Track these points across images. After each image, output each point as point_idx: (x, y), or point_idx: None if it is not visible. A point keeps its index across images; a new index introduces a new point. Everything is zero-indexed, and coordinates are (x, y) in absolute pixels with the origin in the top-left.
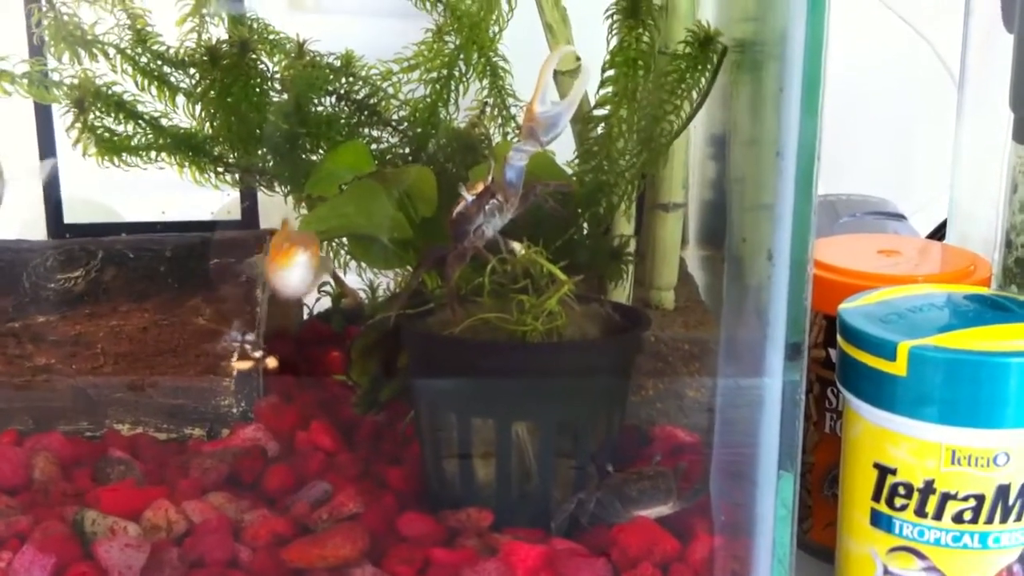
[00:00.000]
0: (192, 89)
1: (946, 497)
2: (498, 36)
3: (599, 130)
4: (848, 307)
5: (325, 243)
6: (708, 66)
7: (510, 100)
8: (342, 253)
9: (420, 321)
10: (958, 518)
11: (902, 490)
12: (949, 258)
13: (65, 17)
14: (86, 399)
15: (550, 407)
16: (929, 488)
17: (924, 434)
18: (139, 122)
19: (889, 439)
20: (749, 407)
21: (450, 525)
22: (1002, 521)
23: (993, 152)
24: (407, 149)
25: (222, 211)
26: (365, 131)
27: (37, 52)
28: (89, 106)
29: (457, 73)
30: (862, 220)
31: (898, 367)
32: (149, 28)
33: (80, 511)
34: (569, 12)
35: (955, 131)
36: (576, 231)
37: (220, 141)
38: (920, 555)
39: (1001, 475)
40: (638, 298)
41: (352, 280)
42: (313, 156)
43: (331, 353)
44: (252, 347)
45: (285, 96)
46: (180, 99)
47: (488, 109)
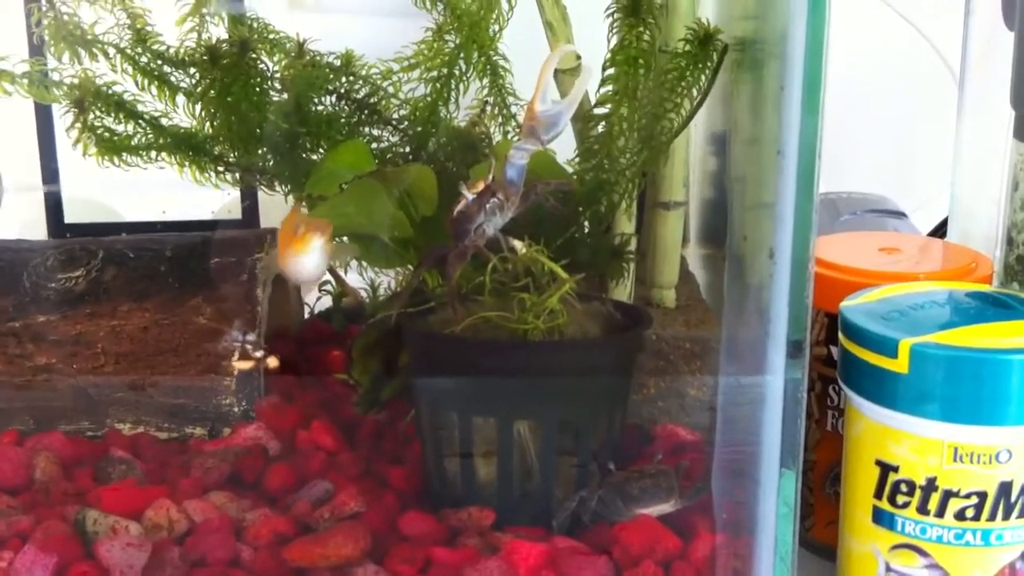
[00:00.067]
0: (192, 89)
1: (948, 494)
2: (498, 35)
3: (600, 129)
4: (849, 305)
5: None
6: (708, 64)
7: (510, 99)
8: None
9: (421, 320)
10: (960, 515)
11: (904, 487)
12: (950, 255)
13: (65, 17)
14: (87, 399)
15: (552, 406)
16: (931, 485)
17: (926, 431)
18: (139, 122)
19: (891, 436)
20: (751, 405)
21: (452, 524)
22: (1004, 518)
23: (994, 150)
24: (407, 148)
25: (223, 210)
26: (365, 130)
27: (37, 52)
28: (89, 106)
29: (457, 72)
30: (863, 218)
31: (900, 364)
32: (149, 28)
33: (81, 511)
34: (569, 10)
35: (956, 129)
36: (577, 230)
37: (220, 140)
38: (922, 552)
39: (1003, 472)
40: (639, 296)
41: (353, 279)
42: (313, 155)
43: (332, 352)
44: (253, 346)
45: (285, 95)
46: (180, 99)
47: (488, 108)
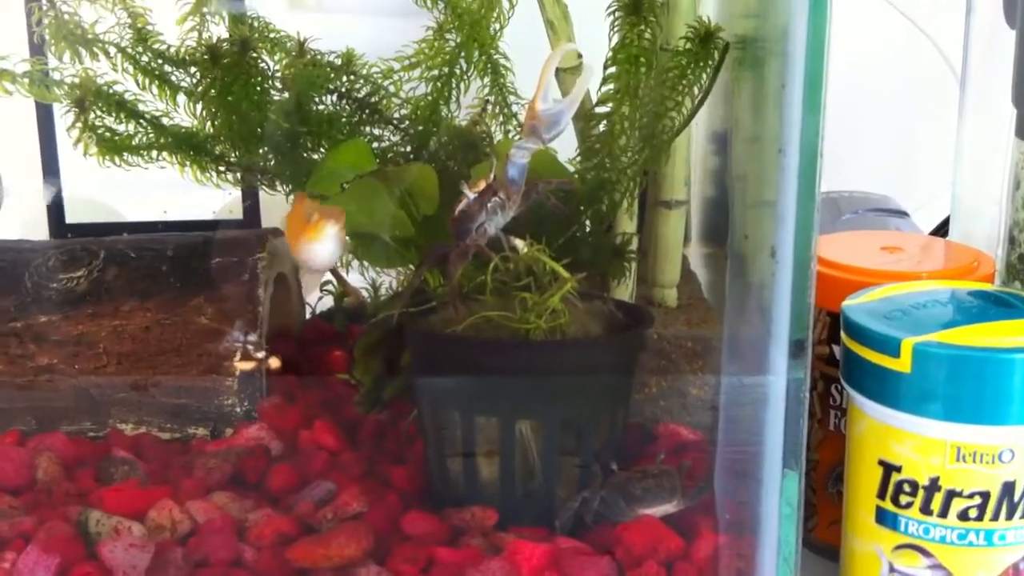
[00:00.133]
0: (193, 88)
1: (951, 494)
2: (499, 34)
3: (601, 127)
4: (852, 304)
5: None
6: (709, 62)
7: (511, 98)
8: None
9: (423, 319)
10: (963, 515)
11: (907, 487)
12: (952, 254)
13: (66, 16)
14: (89, 399)
15: (554, 405)
16: (934, 485)
17: (929, 431)
18: (140, 121)
19: (894, 436)
20: (753, 405)
21: (454, 524)
22: (1008, 518)
23: (996, 148)
24: (408, 147)
25: (224, 210)
26: (366, 129)
27: (38, 51)
28: (90, 105)
29: (458, 71)
30: (864, 217)
31: (902, 364)
32: (150, 27)
33: (84, 511)
34: (570, 9)
35: (957, 127)
36: (578, 229)
37: (221, 140)
38: (925, 552)
39: (1006, 472)
40: (641, 296)
41: (354, 279)
42: (314, 155)
43: (334, 352)
44: (255, 346)
45: (286, 95)
46: (181, 98)
47: (489, 107)
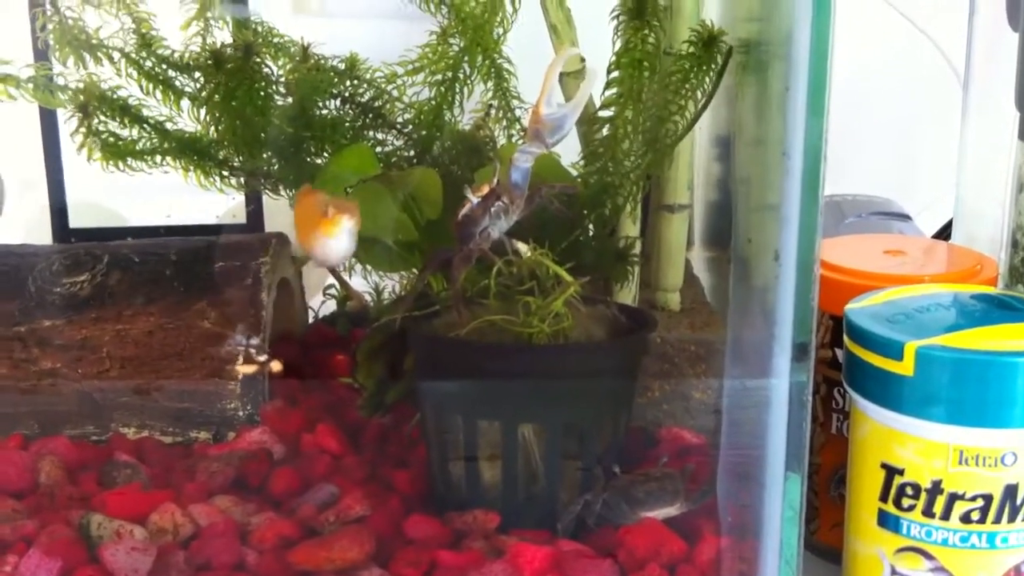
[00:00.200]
0: (197, 93)
1: (954, 497)
2: (502, 38)
3: (604, 132)
4: (854, 307)
5: None
6: (712, 66)
7: (515, 102)
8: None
9: (426, 323)
10: (966, 518)
11: (909, 490)
12: (955, 258)
13: (70, 21)
14: (92, 403)
15: (556, 409)
16: (937, 488)
17: (931, 434)
18: (144, 126)
19: (896, 439)
20: (756, 408)
21: (456, 527)
22: (1010, 521)
23: (999, 151)
24: (412, 151)
25: (227, 215)
26: (370, 134)
27: (42, 56)
28: (94, 110)
29: (462, 75)
30: (867, 220)
31: (905, 367)
32: (154, 32)
33: (86, 515)
34: (573, 13)
35: (960, 130)
36: (582, 233)
37: (225, 145)
38: (928, 555)
39: (1009, 475)
40: (644, 299)
41: (357, 283)
42: (318, 159)
43: (336, 356)
44: (258, 351)
45: (290, 99)
46: (185, 103)
47: (493, 111)
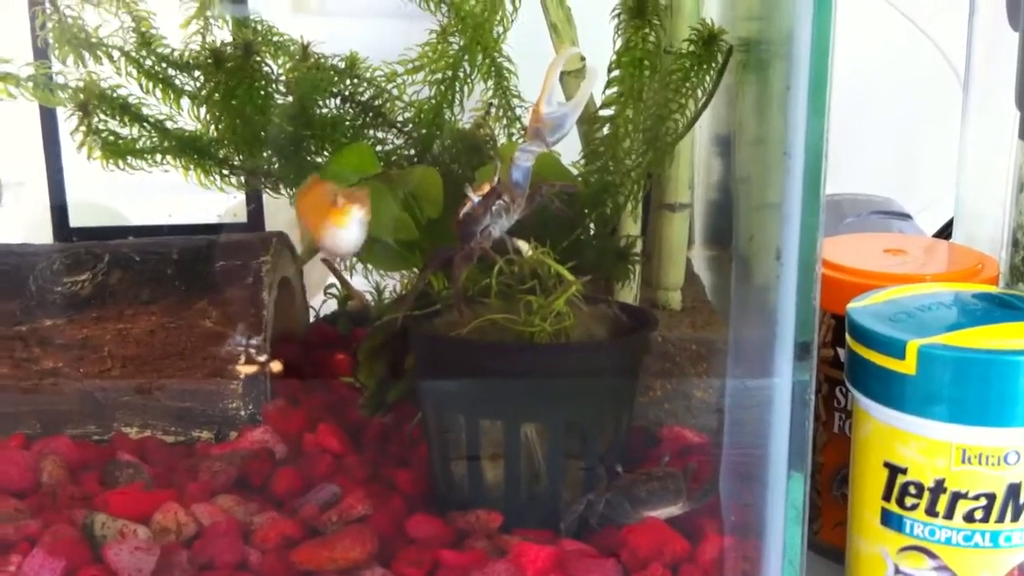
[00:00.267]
0: (197, 92)
1: (957, 496)
2: (502, 37)
3: (605, 130)
4: (856, 306)
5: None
6: (713, 65)
7: (515, 101)
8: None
9: (427, 322)
10: (969, 517)
11: (912, 489)
12: (956, 257)
13: (69, 20)
14: (93, 403)
15: (558, 408)
16: (940, 487)
17: (934, 433)
18: (144, 125)
19: (899, 438)
20: (758, 407)
21: (459, 527)
22: (1013, 520)
23: (999, 150)
24: (412, 150)
25: (228, 214)
26: (370, 132)
27: (42, 55)
28: (94, 109)
29: (462, 74)
30: (867, 220)
31: (907, 366)
32: (154, 31)
33: (89, 514)
34: (574, 12)
35: (960, 130)
36: (583, 231)
37: (225, 143)
38: (931, 554)
39: (1012, 474)
40: (645, 298)
41: (358, 282)
42: (318, 158)
43: (338, 355)
44: (259, 350)
45: (290, 98)
46: (185, 102)
47: (493, 110)
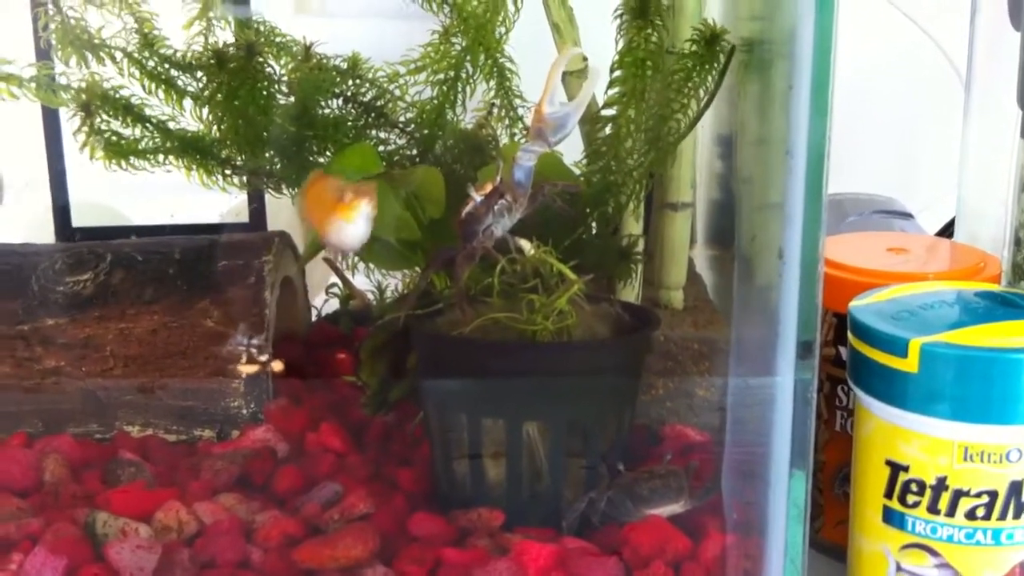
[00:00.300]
0: (199, 92)
1: (959, 494)
2: (505, 37)
3: (607, 130)
4: (859, 304)
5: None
6: (715, 64)
7: (517, 101)
8: (350, 255)
9: (429, 321)
10: (971, 515)
11: (914, 487)
12: (958, 255)
13: (72, 21)
14: (95, 401)
15: (560, 407)
16: (942, 485)
17: (936, 431)
18: (146, 125)
19: (901, 436)
20: (760, 406)
21: (461, 525)
22: (1015, 517)
23: (1001, 150)
24: (414, 150)
25: (230, 213)
26: (372, 133)
27: (44, 56)
28: (96, 109)
29: (464, 74)
30: (869, 219)
31: (910, 364)
32: (156, 32)
33: (91, 513)
34: (576, 12)
35: (962, 129)
36: (585, 231)
37: (227, 144)
38: (933, 552)
39: (1014, 471)
40: (647, 298)
41: (360, 281)
42: (320, 158)
43: (339, 354)
44: (261, 349)
45: (292, 98)
46: (187, 102)
47: (495, 110)
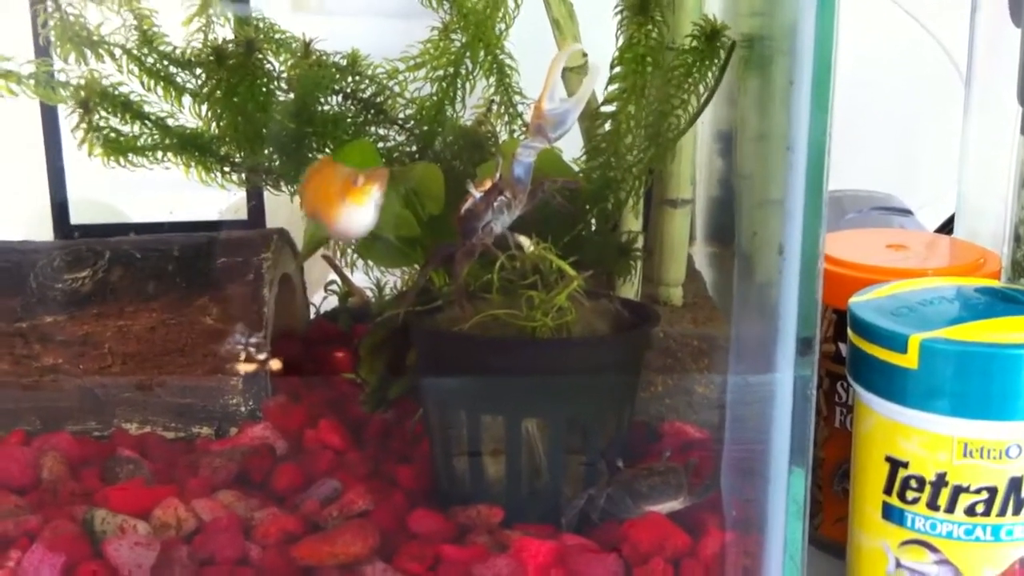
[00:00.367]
0: (198, 89)
1: (958, 490)
2: (504, 33)
3: (607, 127)
4: (858, 301)
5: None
6: (715, 60)
7: (517, 97)
8: (349, 252)
9: (429, 318)
10: (970, 511)
11: (914, 483)
12: (958, 252)
13: (71, 18)
14: (94, 399)
15: (560, 403)
16: (941, 481)
17: (936, 427)
18: (145, 122)
19: (901, 432)
20: (760, 403)
21: (460, 522)
22: (1015, 513)
23: (1001, 146)
24: (414, 147)
25: (229, 211)
26: (372, 129)
27: (43, 53)
28: (95, 107)
29: (463, 71)
30: (868, 215)
31: (909, 360)
32: (155, 28)
33: (89, 510)
34: (576, 8)
35: (962, 126)
36: (584, 227)
37: (226, 141)
38: (932, 548)
39: (1013, 467)
40: (646, 294)
41: (359, 279)
42: (319, 155)
43: (338, 352)
44: (260, 347)
45: (291, 95)
46: (186, 99)
47: (495, 106)
